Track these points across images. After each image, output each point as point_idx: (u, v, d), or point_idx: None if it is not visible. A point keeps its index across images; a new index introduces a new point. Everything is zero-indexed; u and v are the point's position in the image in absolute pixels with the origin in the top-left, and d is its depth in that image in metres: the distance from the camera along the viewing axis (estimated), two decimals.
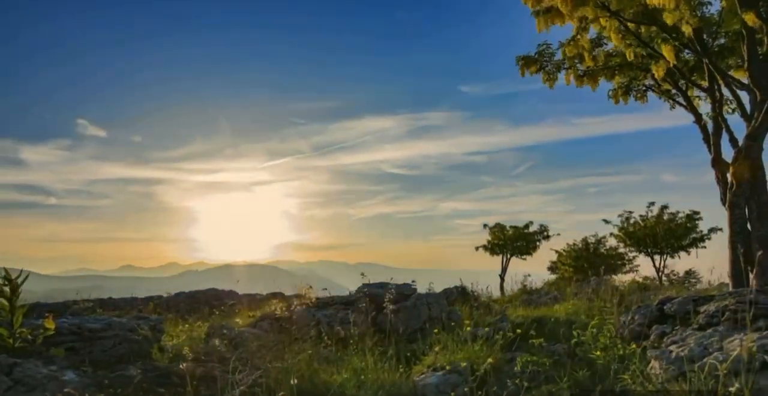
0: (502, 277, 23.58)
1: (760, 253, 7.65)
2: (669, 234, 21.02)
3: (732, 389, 2.96)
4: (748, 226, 8.19)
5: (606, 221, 22.48)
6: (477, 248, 24.26)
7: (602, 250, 23.62)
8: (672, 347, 4.11)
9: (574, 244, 24.09)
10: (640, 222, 21.60)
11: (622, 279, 22.97)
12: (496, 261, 24.42)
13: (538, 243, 24.02)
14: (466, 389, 4.36)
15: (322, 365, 5.95)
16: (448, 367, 5.08)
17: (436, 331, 6.65)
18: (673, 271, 24.62)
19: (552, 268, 24.97)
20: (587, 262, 23.26)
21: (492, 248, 23.87)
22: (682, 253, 21.62)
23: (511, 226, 23.89)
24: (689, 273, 25.59)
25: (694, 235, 20.87)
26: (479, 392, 4.32)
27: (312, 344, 6.83)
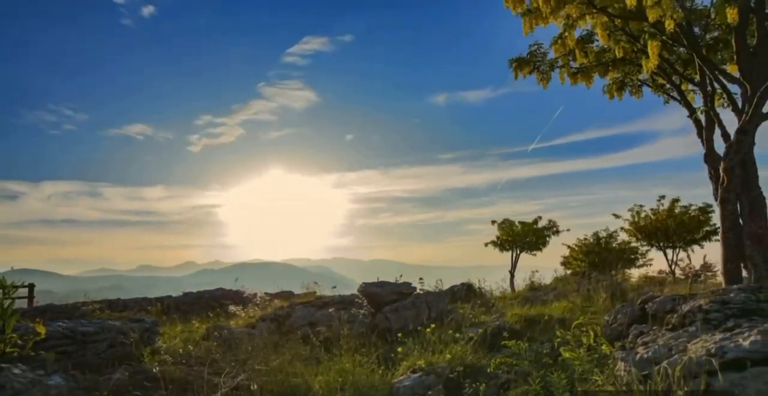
0: (511, 273, 23.44)
1: (751, 249, 7.52)
2: (681, 227, 20.68)
3: (680, 392, 2.96)
4: (740, 221, 8.03)
5: (616, 215, 22.19)
6: (486, 244, 24.13)
7: (614, 245, 23.32)
8: (640, 348, 4.10)
9: (585, 239, 23.83)
10: (651, 215, 21.28)
11: (632, 274, 22.72)
12: (508, 256, 24.27)
13: (548, 238, 23.79)
14: (430, 392, 4.40)
15: (310, 366, 6.01)
16: (426, 369, 5.12)
17: (399, 335, 6.68)
18: (688, 264, 24.19)
19: (565, 264, 24.75)
20: (599, 257, 23.00)
21: (501, 244, 23.71)
22: (701, 247, 21.25)
23: (519, 222, 23.69)
24: (705, 267, 25.13)
25: (708, 228, 20.50)
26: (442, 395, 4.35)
27: (300, 345, 6.91)
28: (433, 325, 6.31)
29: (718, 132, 9.23)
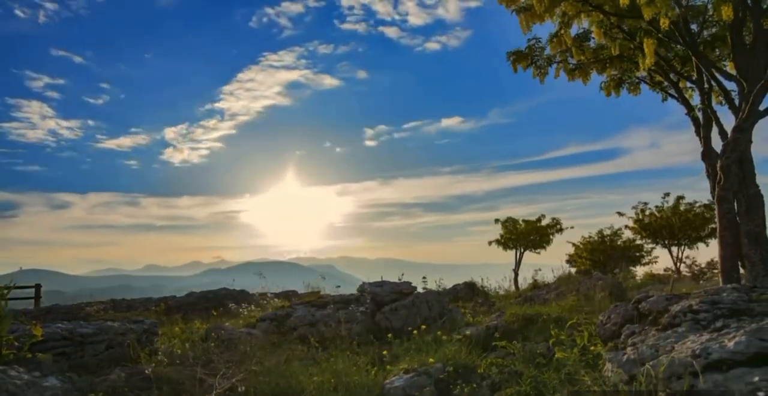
0: (515, 272, 23.41)
1: (749, 248, 7.46)
2: (686, 225, 20.59)
3: (662, 394, 2.95)
4: (738, 220, 7.95)
5: (620, 213, 22.14)
6: (490, 243, 24.11)
7: (619, 243, 23.23)
8: (628, 349, 4.09)
9: (590, 237, 23.76)
10: (656, 213, 21.19)
11: (637, 272, 22.58)
12: (513, 255, 24.24)
13: (551, 236, 23.74)
14: (417, 393, 4.42)
15: (307, 366, 6.03)
16: (419, 369, 5.13)
17: (390, 336, 6.69)
18: (695, 261, 24.06)
19: (570, 261, 24.68)
20: (604, 255, 22.93)
21: (505, 243, 23.67)
22: (706, 244, 21.14)
23: (523, 220, 23.65)
24: (711, 264, 24.95)
25: (713, 225, 20.38)
26: None
27: (298, 345, 6.94)
28: (424, 326, 6.31)
29: (715, 130, 9.17)
